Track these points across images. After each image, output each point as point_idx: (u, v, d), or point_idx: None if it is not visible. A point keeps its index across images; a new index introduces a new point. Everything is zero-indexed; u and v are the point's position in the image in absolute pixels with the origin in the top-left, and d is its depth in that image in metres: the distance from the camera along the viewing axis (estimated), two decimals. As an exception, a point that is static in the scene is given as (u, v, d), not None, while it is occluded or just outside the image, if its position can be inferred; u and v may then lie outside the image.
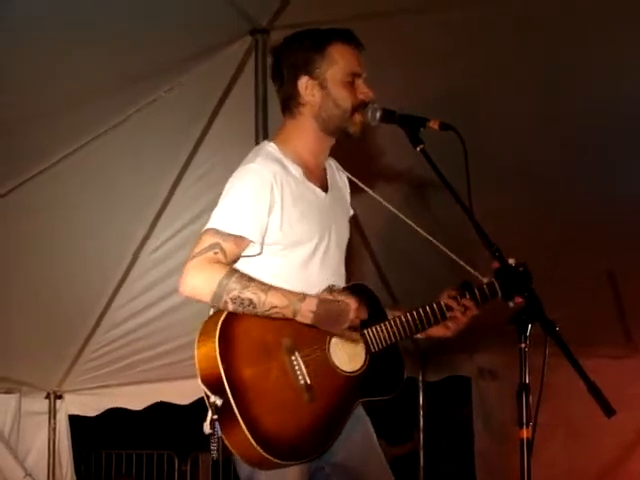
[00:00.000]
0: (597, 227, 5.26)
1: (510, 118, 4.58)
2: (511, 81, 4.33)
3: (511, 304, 2.82)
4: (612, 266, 5.78)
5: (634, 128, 4.51)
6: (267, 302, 2.59)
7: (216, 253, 2.63)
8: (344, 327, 2.69)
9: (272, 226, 2.72)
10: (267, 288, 2.60)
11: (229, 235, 2.65)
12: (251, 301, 2.58)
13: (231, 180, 2.76)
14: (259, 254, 2.73)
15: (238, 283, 2.59)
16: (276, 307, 2.60)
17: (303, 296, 2.64)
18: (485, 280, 3.02)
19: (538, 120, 4.58)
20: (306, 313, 2.62)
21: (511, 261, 2.82)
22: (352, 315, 2.68)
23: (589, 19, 3.88)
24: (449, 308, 2.96)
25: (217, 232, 2.66)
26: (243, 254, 2.72)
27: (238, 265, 2.75)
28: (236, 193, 2.71)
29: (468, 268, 3.13)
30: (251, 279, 2.62)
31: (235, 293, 2.58)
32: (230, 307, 2.61)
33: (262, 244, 2.72)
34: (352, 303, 2.69)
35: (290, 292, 2.63)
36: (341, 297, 2.71)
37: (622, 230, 5.24)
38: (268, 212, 2.70)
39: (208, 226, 2.69)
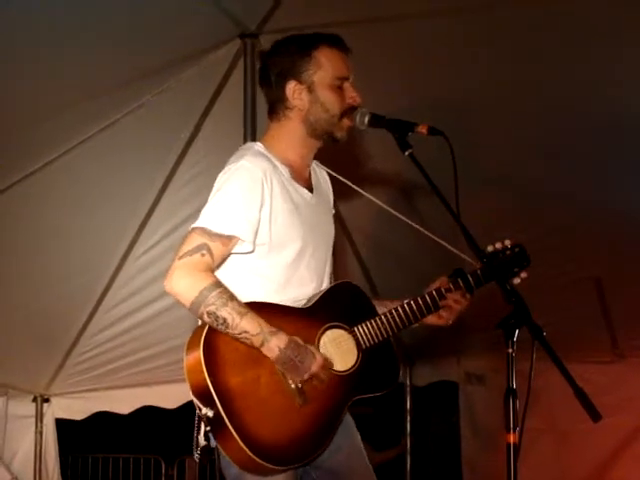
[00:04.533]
0: (585, 234, 5.27)
1: (505, 126, 4.58)
2: (509, 88, 4.32)
3: (517, 280, 2.92)
4: (599, 273, 5.80)
5: (630, 141, 4.52)
6: (240, 326, 2.56)
7: (203, 255, 2.60)
8: (302, 377, 2.65)
9: (262, 223, 2.70)
10: (244, 312, 2.58)
11: (217, 235, 2.62)
12: (225, 320, 2.56)
13: (220, 177, 2.73)
14: (251, 252, 2.71)
15: (218, 299, 2.57)
16: (247, 333, 2.58)
17: (276, 330, 2.61)
18: (478, 265, 2.97)
19: (532, 129, 4.57)
20: (273, 347, 2.60)
21: (507, 242, 2.88)
22: (314, 369, 2.65)
23: (590, 33, 3.86)
24: (441, 296, 2.93)
25: (205, 231, 2.63)
26: (234, 251, 2.70)
27: (226, 264, 2.74)
28: (226, 191, 2.67)
29: (458, 252, 3.12)
30: (232, 298, 2.59)
31: (212, 308, 2.56)
32: (205, 319, 2.60)
33: (254, 242, 2.69)
34: (319, 358, 2.67)
35: (266, 324, 2.60)
36: (313, 348, 2.69)
37: (610, 237, 5.25)
38: (259, 209, 2.68)
39: (197, 225, 2.66)
